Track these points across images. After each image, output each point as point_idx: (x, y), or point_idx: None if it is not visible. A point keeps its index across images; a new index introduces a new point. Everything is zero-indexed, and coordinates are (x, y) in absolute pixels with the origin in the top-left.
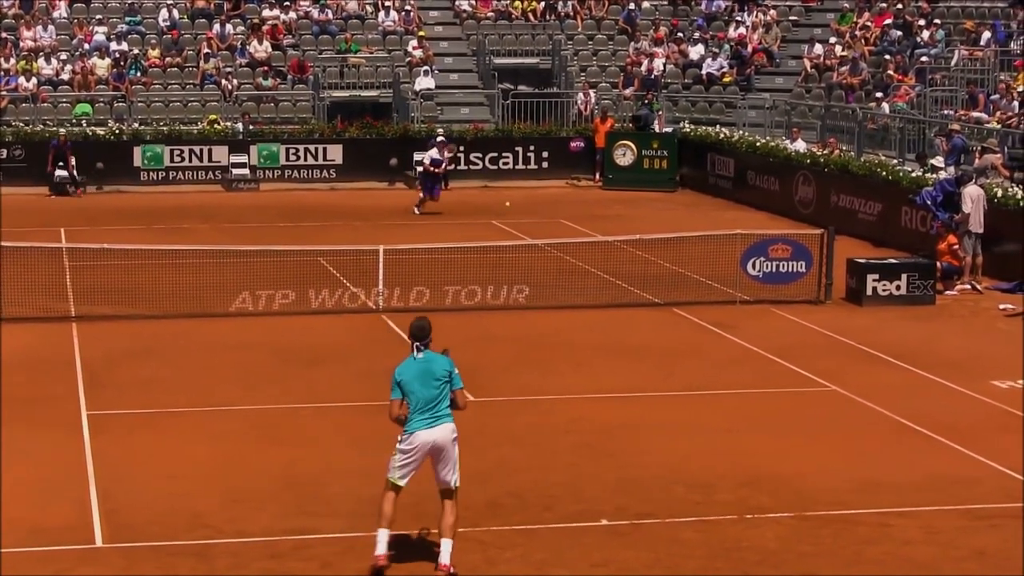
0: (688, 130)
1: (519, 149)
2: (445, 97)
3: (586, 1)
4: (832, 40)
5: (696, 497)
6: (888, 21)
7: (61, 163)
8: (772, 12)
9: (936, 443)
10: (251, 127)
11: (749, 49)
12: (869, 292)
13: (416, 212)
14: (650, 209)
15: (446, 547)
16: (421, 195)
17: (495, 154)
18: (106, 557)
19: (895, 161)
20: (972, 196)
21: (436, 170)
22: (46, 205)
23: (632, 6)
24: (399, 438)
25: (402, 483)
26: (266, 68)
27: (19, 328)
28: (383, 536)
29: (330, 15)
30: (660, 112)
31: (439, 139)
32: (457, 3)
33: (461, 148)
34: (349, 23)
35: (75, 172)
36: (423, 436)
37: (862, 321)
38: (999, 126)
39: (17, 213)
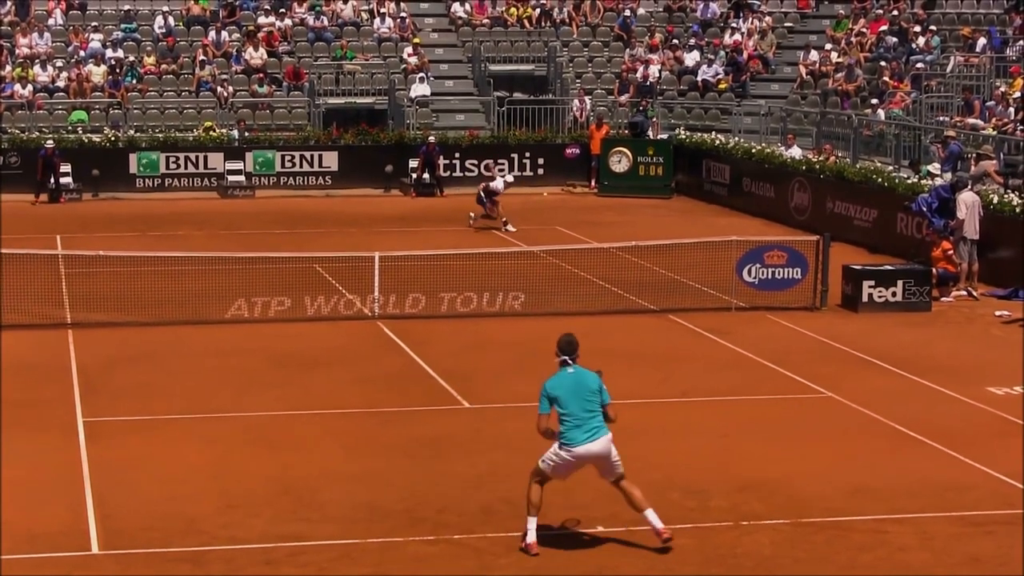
0: (683, 136)
1: (515, 156)
2: (440, 104)
3: (581, 8)
4: (828, 46)
5: (691, 503)
6: (884, 27)
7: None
8: (767, 18)
9: (931, 449)
10: (247, 134)
11: (744, 55)
12: (865, 298)
13: (472, 219)
14: (645, 215)
15: (652, 516)
16: (482, 212)
17: (491, 161)
18: (101, 564)
19: (891, 167)
20: (967, 202)
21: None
22: (41, 212)
23: (627, 13)
24: (558, 444)
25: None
26: (261, 75)
27: (15, 334)
28: (532, 524)
29: (325, 22)
30: (655, 119)
31: (504, 176)
32: (452, 10)
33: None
34: (344, 30)
35: (60, 181)
36: (586, 449)
37: (858, 327)
38: (995, 132)
39: (13, 220)
